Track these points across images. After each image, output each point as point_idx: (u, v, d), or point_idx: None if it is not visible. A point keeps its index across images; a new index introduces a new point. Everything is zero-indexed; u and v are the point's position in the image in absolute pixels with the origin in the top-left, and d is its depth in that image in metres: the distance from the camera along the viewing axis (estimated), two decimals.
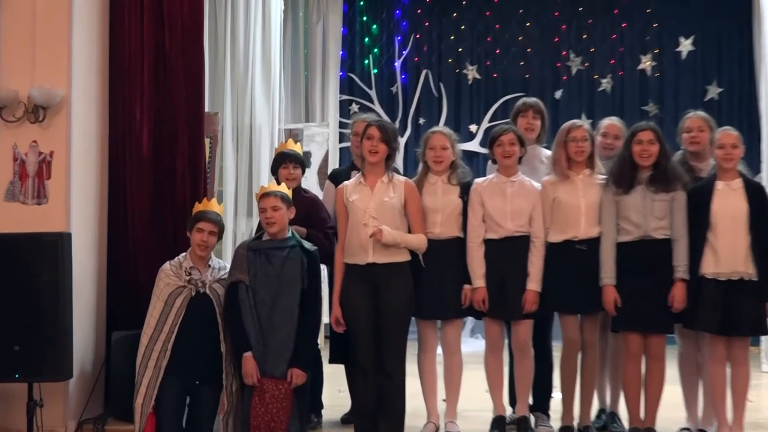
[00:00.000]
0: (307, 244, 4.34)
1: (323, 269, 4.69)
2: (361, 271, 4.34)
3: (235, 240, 6.65)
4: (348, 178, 4.69)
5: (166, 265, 4.45)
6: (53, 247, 4.42)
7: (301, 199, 4.66)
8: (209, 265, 4.43)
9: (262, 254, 4.27)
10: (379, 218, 4.32)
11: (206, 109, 5.56)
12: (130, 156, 5.14)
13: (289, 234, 4.34)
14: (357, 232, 4.35)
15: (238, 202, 6.86)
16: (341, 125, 8.40)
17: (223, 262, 4.54)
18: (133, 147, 5.14)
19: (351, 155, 5.29)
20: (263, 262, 4.25)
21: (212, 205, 4.53)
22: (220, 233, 4.46)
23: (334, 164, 7.69)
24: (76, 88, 4.84)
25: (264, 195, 4.33)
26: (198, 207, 4.51)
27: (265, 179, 6.61)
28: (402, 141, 8.47)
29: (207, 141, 5.88)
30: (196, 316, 4.31)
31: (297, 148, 4.97)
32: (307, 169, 5.23)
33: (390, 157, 4.44)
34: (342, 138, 8.31)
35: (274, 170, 4.87)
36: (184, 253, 4.48)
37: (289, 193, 4.39)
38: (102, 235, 5.15)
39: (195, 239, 4.40)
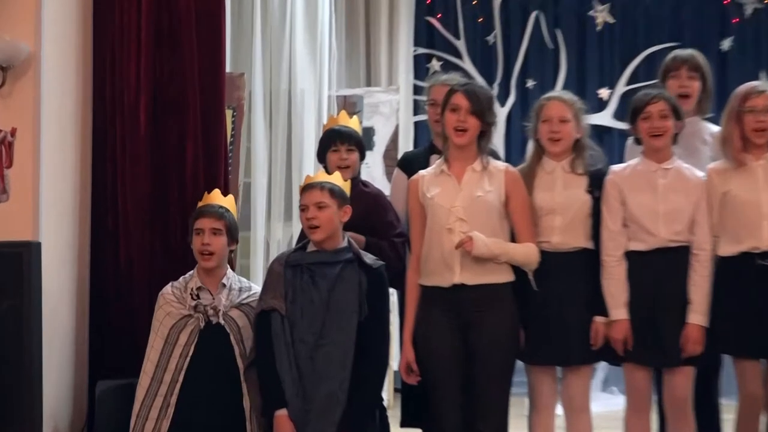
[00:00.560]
0: (369, 258, 4.34)
1: (391, 294, 4.68)
2: (445, 297, 4.33)
3: (268, 253, 6.75)
4: (426, 164, 4.70)
5: (167, 287, 4.50)
6: (16, 262, 4.44)
7: (359, 194, 4.64)
8: (223, 285, 4.47)
9: (304, 272, 4.29)
10: (469, 221, 4.30)
11: (227, 70, 5.60)
12: (123, 135, 5.18)
13: (344, 243, 4.34)
14: (438, 241, 4.33)
15: (272, 199, 6.92)
16: (416, 90, 8.40)
17: (246, 282, 4.60)
18: (126, 123, 5.18)
19: (430, 133, 5.27)
20: (306, 282, 4.27)
21: (214, 198, 4.61)
22: (230, 232, 4.51)
23: (406, 146, 7.75)
24: (49, 42, 4.87)
25: (306, 188, 4.35)
26: (198, 206, 4.60)
27: (310, 166, 6.69)
28: (502, 112, 8.47)
29: (229, 113, 5.93)
30: (207, 356, 4.34)
31: (353, 123, 4.99)
32: (368, 153, 5.32)
33: (484, 136, 4.42)
34: (417, 108, 8.32)
35: (322, 154, 4.89)
36: (191, 272, 4.52)
37: (344, 186, 4.41)
38: (83, 245, 5.19)
39: (195, 246, 4.46)
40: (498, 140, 7.95)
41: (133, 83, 5.17)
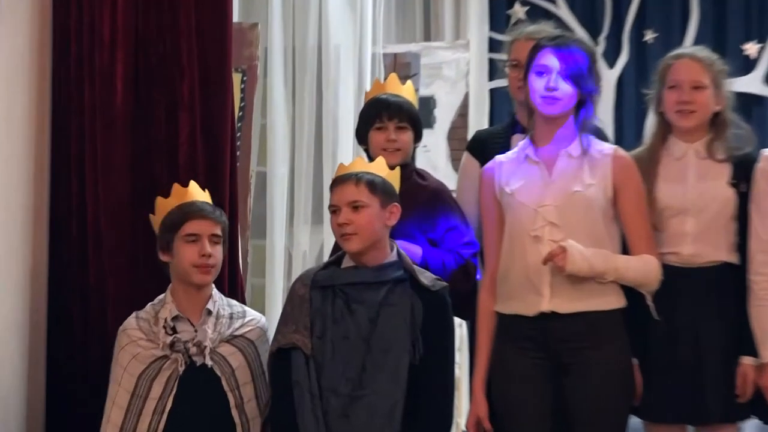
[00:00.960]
0: (427, 277, 4.37)
1: (457, 326, 4.68)
2: (529, 330, 4.37)
3: (290, 268, 6.78)
4: (506, 147, 4.78)
5: (131, 320, 4.53)
6: None
7: (412, 188, 4.72)
8: (209, 311, 4.50)
9: (337, 296, 4.33)
10: (563, 226, 4.32)
11: (235, 19, 5.66)
12: (93, 109, 5.18)
13: (393, 257, 4.37)
14: (521, 254, 4.38)
15: (295, 195, 6.95)
16: (493, 47, 8.43)
17: (239, 306, 4.67)
18: (97, 92, 5.18)
19: (512, 104, 5.29)
20: (339, 310, 4.29)
21: (195, 192, 4.62)
22: (225, 241, 4.59)
23: (478, 122, 7.79)
24: None
25: (336, 182, 4.36)
26: (163, 203, 4.57)
27: (347, 150, 6.72)
28: (610, 76, 8.47)
29: (238, 78, 6.01)
30: (191, 410, 4.37)
31: (406, 90, 5.01)
32: (426, 132, 5.29)
33: (582, 106, 4.41)
34: (493, 71, 8.32)
35: (362, 133, 4.94)
36: (160, 296, 4.56)
37: (391, 176, 4.42)
38: (39, 261, 5.19)
39: (186, 257, 4.44)
40: (605, 114, 7.94)
41: (107, 39, 5.16)
